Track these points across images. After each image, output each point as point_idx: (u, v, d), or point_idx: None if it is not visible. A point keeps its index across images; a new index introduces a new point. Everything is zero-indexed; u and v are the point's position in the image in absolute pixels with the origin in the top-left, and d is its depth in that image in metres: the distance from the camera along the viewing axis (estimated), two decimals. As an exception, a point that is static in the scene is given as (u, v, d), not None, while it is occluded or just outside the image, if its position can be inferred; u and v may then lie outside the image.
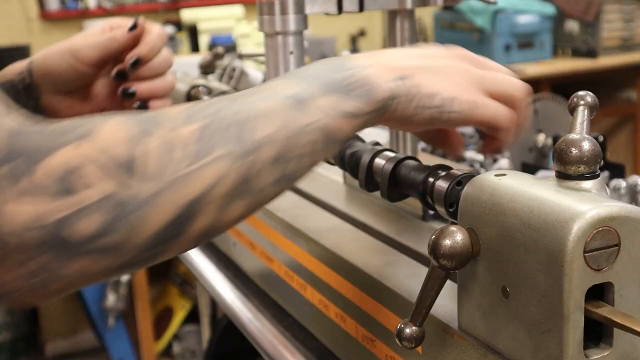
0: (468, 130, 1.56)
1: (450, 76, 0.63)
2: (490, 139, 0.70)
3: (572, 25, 3.86)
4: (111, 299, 3.02)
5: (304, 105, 0.57)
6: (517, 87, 0.67)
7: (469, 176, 0.66)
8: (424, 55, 0.65)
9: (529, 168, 1.26)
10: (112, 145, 0.49)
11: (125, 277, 2.94)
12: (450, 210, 0.67)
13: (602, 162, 0.58)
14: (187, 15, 3.62)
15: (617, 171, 1.20)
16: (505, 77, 0.67)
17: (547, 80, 3.63)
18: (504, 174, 0.61)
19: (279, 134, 0.55)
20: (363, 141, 0.87)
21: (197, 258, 1.38)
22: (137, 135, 0.51)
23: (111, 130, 0.50)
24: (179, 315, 3.23)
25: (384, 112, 0.61)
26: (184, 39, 3.62)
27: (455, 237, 0.59)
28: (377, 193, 0.99)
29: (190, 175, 0.51)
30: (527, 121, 0.69)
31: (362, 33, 4.04)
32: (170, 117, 0.54)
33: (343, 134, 0.60)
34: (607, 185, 1.12)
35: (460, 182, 0.67)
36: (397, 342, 0.62)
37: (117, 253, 0.49)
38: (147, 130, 0.51)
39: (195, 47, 3.64)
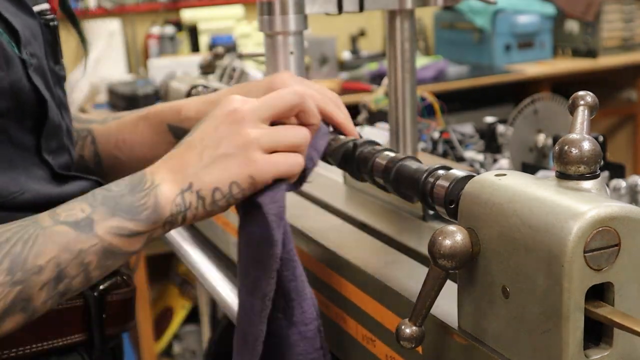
0: (468, 130, 1.57)
1: (226, 160, 0.71)
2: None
3: (572, 25, 3.86)
4: (111, 299, 3.01)
5: (88, 229, 0.67)
6: (295, 135, 0.73)
7: (469, 176, 0.66)
8: (199, 149, 0.71)
9: (529, 168, 1.26)
10: None
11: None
12: (450, 210, 0.67)
13: (602, 162, 0.58)
14: (187, 15, 3.62)
15: (617, 171, 1.20)
16: (281, 131, 0.73)
17: (547, 80, 3.63)
18: (504, 174, 0.61)
19: (62, 256, 0.66)
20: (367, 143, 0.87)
21: (197, 258, 1.38)
22: None
23: None
24: (179, 315, 3.23)
25: (174, 223, 0.71)
26: (184, 39, 3.62)
27: (455, 237, 0.59)
28: (377, 193, 0.99)
29: None
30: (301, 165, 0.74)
31: (362, 33, 4.04)
32: None
33: (128, 248, 0.70)
34: (607, 185, 1.12)
35: (460, 182, 0.67)
36: (397, 342, 0.62)
37: None
38: None
39: (195, 47, 3.64)
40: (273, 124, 0.75)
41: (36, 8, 0.85)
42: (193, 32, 3.63)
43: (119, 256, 0.70)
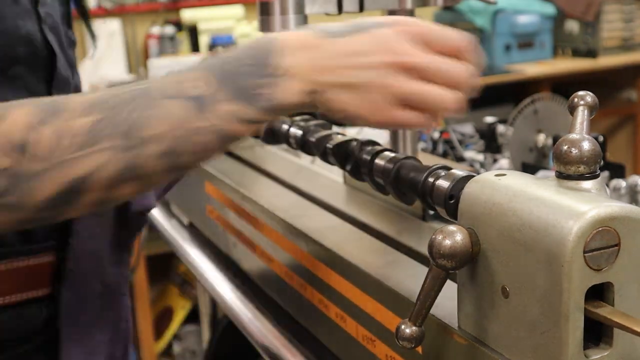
0: (468, 130, 1.57)
1: (367, 94, 0.66)
2: None
3: (572, 25, 3.86)
4: (111, 299, 3.01)
5: (203, 109, 0.64)
6: (442, 98, 0.69)
7: (469, 176, 0.66)
8: (353, 57, 0.66)
9: (529, 168, 1.26)
10: (12, 130, 0.62)
11: (125, 277, 2.95)
12: (450, 210, 0.67)
13: (602, 162, 0.58)
14: (187, 15, 3.62)
15: (617, 171, 1.20)
16: (432, 93, 0.68)
17: (547, 80, 3.63)
18: (504, 174, 0.61)
19: (170, 133, 0.64)
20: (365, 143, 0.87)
21: (197, 258, 1.38)
22: (35, 124, 0.63)
23: (17, 117, 0.63)
24: (179, 315, 3.23)
25: (284, 114, 0.68)
26: (184, 39, 3.62)
27: (455, 237, 0.59)
28: (377, 193, 0.99)
29: (73, 160, 0.63)
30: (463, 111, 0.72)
31: (362, 33, 4.04)
32: (72, 107, 0.64)
33: (239, 135, 0.67)
34: (607, 185, 1.12)
35: (460, 182, 0.67)
36: (397, 342, 0.62)
37: (16, 210, 0.63)
38: (44, 120, 0.63)
39: (195, 47, 3.64)
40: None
41: None
42: (193, 32, 3.63)
43: (233, 140, 0.68)
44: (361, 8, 0.99)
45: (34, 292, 0.84)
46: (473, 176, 0.64)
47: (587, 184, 0.56)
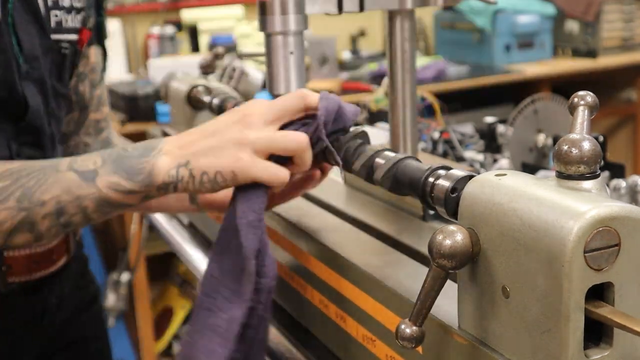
0: (468, 130, 1.57)
1: (221, 153, 0.81)
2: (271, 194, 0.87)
3: (572, 25, 3.86)
4: (111, 299, 3.01)
5: (88, 180, 0.82)
6: (291, 141, 0.82)
7: (469, 176, 0.66)
8: (207, 135, 0.83)
9: (529, 168, 1.26)
10: None
11: (125, 277, 2.94)
12: (451, 210, 0.67)
13: (602, 162, 0.58)
14: (187, 15, 3.62)
15: (617, 171, 1.20)
16: (277, 135, 0.81)
17: (547, 80, 3.63)
18: (504, 174, 0.61)
19: (59, 198, 0.81)
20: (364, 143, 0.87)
21: (197, 258, 1.38)
22: None
23: None
24: (179, 315, 3.23)
25: (167, 190, 0.82)
26: (184, 39, 3.62)
27: (455, 237, 0.59)
28: (377, 193, 0.99)
29: None
30: (306, 165, 0.84)
31: (362, 33, 4.04)
32: None
33: (118, 202, 0.83)
34: (607, 185, 1.12)
35: (460, 182, 0.67)
36: (397, 342, 0.62)
37: None
38: None
39: (195, 47, 3.64)
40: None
41: (62, 37, 1.05)
42: (193, 32, 3.63)
43: (115, 206, 0.84)
44: (361, 8, 0.99)
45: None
46: (473, 176, 0.64)
47: (587, 184, 0.56)
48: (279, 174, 0.81)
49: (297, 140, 0.82)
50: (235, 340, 0.79)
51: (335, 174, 1.15)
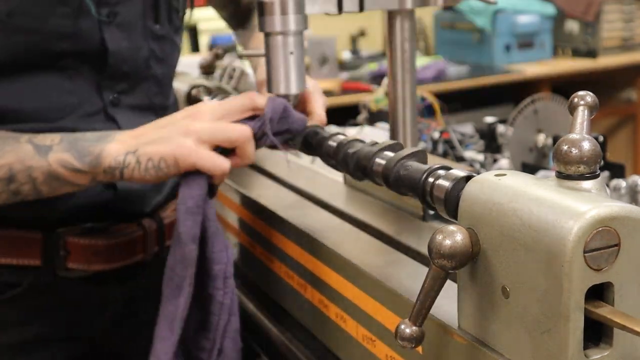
0: (468, 130, 1.57)
1: (167, 141, 0.86)
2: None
3: (572, 25, 3.86)
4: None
5: (41, 153, 0.88)
6: (234, 132, 0.87)
7: (469, 176, 0.66)
8: (159, 127, 0.89)
9: (529, 168, 1.26)
10: None
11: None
12: (450, 210, 0.67)
13: (602, 162, 0.58)
14: (187, 15, 3.62)
15: (617, 171, 1.20)
16: (221, 126, 0.87)
17: (547, 80, 3.63)
18: (504, 174, 0.61)
19: (15, 165, 0.88)
20: (363, 142, 0.87)
21: (197, 258, 1.38)
22: None
23: None
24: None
25: (114, 175, 0.88)
26: (184, 39, 3.62)
27: (455, 237, 0.59)
28: (377, 193, 0.99)
29: None
30: (249, 158, 0.89)
31: (362, 33, 4.04)
32: None
33: (71, 179, 0.89)
34: (607, 185, 1.12)
35: (460, 182, 0.67)
36: (397, 342, 0.62)
37: None
38: None
39: (195, 47, 3.64)
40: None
41: None
42: (193, 32, 3.63)
43: (63, 183, 0.89)
44: (361, 8, 0.99)
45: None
46: (473, 176, 0.64)
47: (587, 184, 0.56)
48: (220, 163, 0.85)
49: (240, 131, 0.87)
50: (180, 325, 0.83)
51: (335, 174, 1.15)
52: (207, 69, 1.57)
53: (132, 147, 0.87)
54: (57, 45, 0.95)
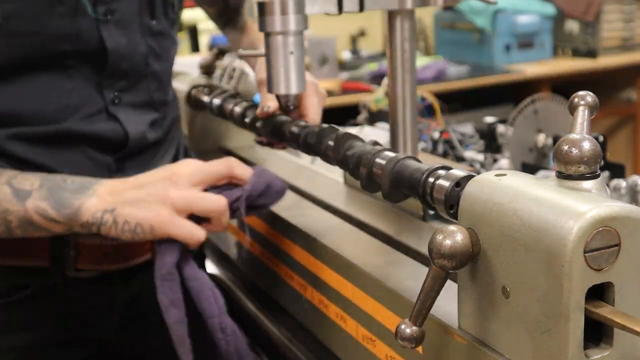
0: (468, 130, 1.57)
1: (144, 206, 0.88)
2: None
3: (572, 25, 3.86)
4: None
5: (19, 198, 0.89)
6: (210, 203, 0.89)
7: (469, 176, 0.66)
8: (137, 186, 0.90)
9: (529, 168, 1.26)
10: None
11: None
12: (450, 210, 0.67)
13: (602, 162, 0.58)
14: (187, 15, 3.62)
15: (617, 171, 1.20)
16: (198, 196, 0.89)
17: (547, 80, 3.63)
18: (504, 174, 0.61)
19: None
20: (363, 141, 0.87)
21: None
22: None
23: None
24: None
25: (90, 230, 0.89)
26: (184, 39, 3.62)
27: (455, 237, 0.59)
28: (377, 193, 0.99)
29: None
30: (222, 227, 0.92)
31: (362, 33, 4.04)
32: None
33: (46, 227, 0.90)
34: (607, 185, 1.12)
35: (460, 182, 0.67)
36: (397, 342, 0.62)
37: None
38: None
39: (195, 47, 3.64)
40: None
41: None
42: (193, 32, 3.63)
43: (38, 229, 0.90)
44: (361, 8, 0.99)
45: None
46: (473, 176, 0.64)
47: (587, 184, 0.56)
48: (195, 233, 0.88)
49: (216, 203, 0.90)
50: None
51: (335, 174, 1.15)
52: (207, 69, 1.57)
53: (109, 205, 0.89)
54: (56, 46, 0.95)
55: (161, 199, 0.88)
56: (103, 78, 1.01)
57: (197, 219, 0.90)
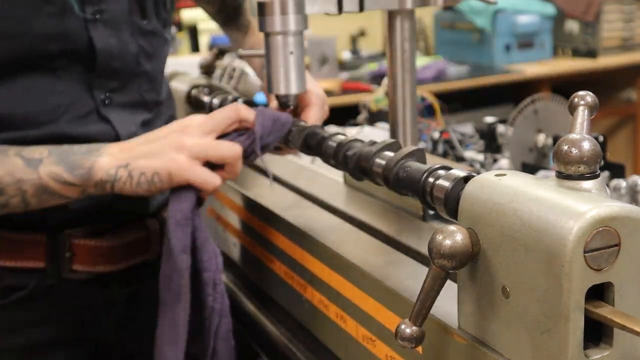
0: (468, 130, 1.57)
1: (160, 155, 0.88)
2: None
3: (572, 25, 3.86)
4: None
5: (31, 166, 0.89)
6: (225, 150, 0.89)
7: (469, 176, 0.66)
8: (148, 141, 0.90)
9: (529, 168, 1.26)
10: None
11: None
12: (451, 210, 0.67)
13: (602, 162, 0.58)
14: (187, 15, 3.62)
15: (617, 171, 1.20)
16: (213, 143, 0.89)
17: (547, 80, 3.63)
18: (504, 174, 0.61)
19: (4, 178, 0.88)
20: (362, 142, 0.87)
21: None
22: None
23: None
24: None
25: (104, 188, 0.89)
26: (184, 39, 3.62)
27: (455, 237, 0.59)
28: (377, 193, 0.99)
29: None
30: (236, 173, 0.92)
31: (362, 33, 4.04)
32: None
33: (62, 192, 0.90)
34: (607, 185, 1.12)
35: (460, 182, 0.67)
36: (397, 342, 0.62)
37: None
38: None
39: (195, 47, 3.64)
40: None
41: None
42: (193, 32, 3.63)
43: (53, 195, 0.90)
44: (361, 8, 0.99)
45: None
46: (473, 176, 0.64)
47: (587, 184, 0.56)
48: (212, 179, 0.89)
49: (232, 149, 0.90)
50: (184, 330, 0.86)
51: (335, 174, 1.15)
52: (207, 69, 1.57)
53: (123, 160, 0.89)
54: (45, 47, 0.95)
55: (177, 147, 0.88)
56: (93, 78, 1.00)
57: (211, 167, 0.90)
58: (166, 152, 0.88)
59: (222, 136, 0.92)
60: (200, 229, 0.89)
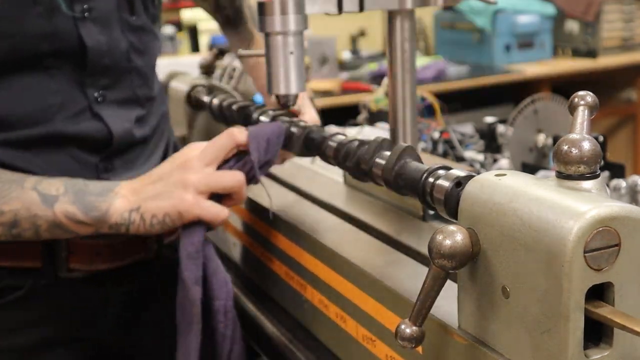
0: (468, 130, 1.57)
1: (167, 196, 0.90)
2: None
3: (572, 25, 3.86)
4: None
5: (47, 203, 0.91)
6: (229, 180, 0.91)
7: (469, 176, 0.66)
8: (154, 180, 0.92)
9: (529, 168, 1.26)
10: None
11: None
12: (451, 210, 0.67)
13: (602, 162, 0.58)
14: (187, 15, 3.62)
15: (617, 171, 1.20)
16: (215, 175, 0.91)
17: (547, 80, 3.63)
18: (504, 174, 0.61)
19: (21, 212, 0.91)
20: (363, 142, 0.87)
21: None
22: None
23: None
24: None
25: (119, 230, 0.92)
26: (184, 39, 3.62)
27: (455, 237, 0.59)
28: (377, 193, 0.99)
29: None
30: (243, 199, 0.94)
31: (362, 33, 4.04)
32: None
33: (74, 230, 0.92)
34: (607, 185, 1.12)
35: (460, 182, 0.67)
36: (397, 342, 0.62)
37: None
38: None
39: (195, 47, 3.64)
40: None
41: None
42: (193, 32, 3.63)
43: (66, 232, 0.93)
44: (361, 8, 0.99)
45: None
46: (473, 176, 0.64)
47: (587, 184, 0.56)
48: (220, 213, 0.91)
49: (235, 179, 0.92)
50: (196, 355, 0.89)
51: (335, 174, 1.15)
52: (207, 69, 1.57)
53: (135, 203, 0.91)
54: (36, 47, 0.95)
55: (182, 185, 0.90)
56: (85, 76, 1.01)
57: (217, 197, 0.92)
58: (172, 192, 0.90)
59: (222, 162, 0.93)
60: (210, 259, 0.92)
